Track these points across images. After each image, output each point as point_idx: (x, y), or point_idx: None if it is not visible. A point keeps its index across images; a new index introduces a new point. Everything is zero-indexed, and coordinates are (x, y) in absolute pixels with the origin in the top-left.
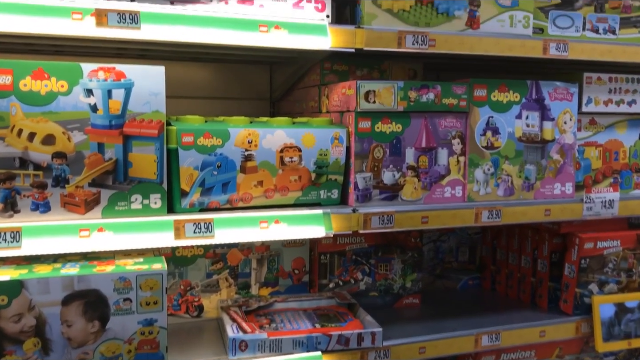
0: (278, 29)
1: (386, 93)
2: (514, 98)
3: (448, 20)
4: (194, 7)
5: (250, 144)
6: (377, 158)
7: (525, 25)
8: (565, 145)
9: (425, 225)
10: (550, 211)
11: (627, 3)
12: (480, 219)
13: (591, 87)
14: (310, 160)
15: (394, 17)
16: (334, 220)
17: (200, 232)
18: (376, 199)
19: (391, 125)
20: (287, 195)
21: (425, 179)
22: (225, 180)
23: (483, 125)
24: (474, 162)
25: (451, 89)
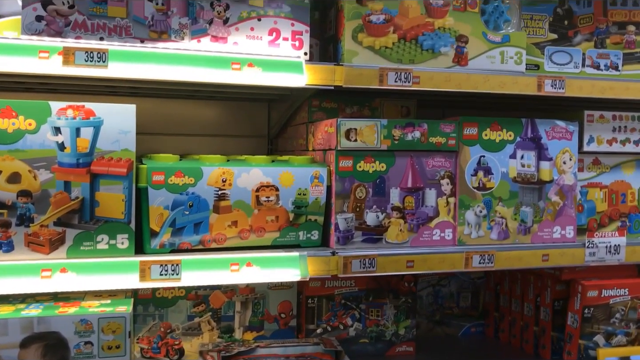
0: (251, 67)
1: (368, 131)
2: (508, 137)
3: (434, 57)
4: (165, 45)
5: (224, 183)
6: (360, 198)
7: (517, 61)
8: (565, 187)
9: (411, 269)
10: (548, 256)
11: (630, 38)
12: (470, 263)
13: (593, 125)
14: (288, 200)
15: (376, 54)
16: (310, 263)
17: (166, 275)
18: (358, 241)
19: (374, 164)
20: (263, 236)
21: (411, 221)
22: (197, 220)
23: (474, 165)
24: (464, 203)
25: (439, 128)
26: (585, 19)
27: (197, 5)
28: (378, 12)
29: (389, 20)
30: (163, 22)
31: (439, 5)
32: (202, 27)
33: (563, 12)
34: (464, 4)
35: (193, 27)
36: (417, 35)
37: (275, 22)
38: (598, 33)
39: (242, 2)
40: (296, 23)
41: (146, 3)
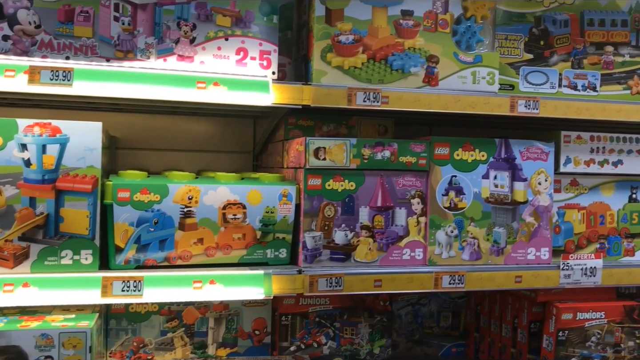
0: (217, 85)
1: (337, 150)
2: (481, 157)
3: (403, 77)
4: (131, 64)
5: (190, 200)
6: (328, 217)
7: (489, 81)
8: (540, 208)
9: (379, 289)
10: (521, 278)
11: (608, 59)
12: (440, 284)
13: (570, 146)
14: (255, 218)
15: (345, 74)
16: (275, 281)
17: (128, 291)
18: (326, 259)
19: (344, 183)
20: (230, 253)
21: (381, 240)
22: (163, 237)
23: (445, 184)
24: (435, 223)
25: (409, 147)
26: (561, 39)
27: (163, 25)
28: (347, 32)
29: (358, 40)
30: (129, 42)
31: (409, 26)
32: (169, 46)
33: (539, 32)
34: (435, 25)
35: (159, 47)
36: (386, 56)
37: (243, 41)
38: (575, 53)
39: (210, 21)
40: (264, 43)
41: (112, 23)
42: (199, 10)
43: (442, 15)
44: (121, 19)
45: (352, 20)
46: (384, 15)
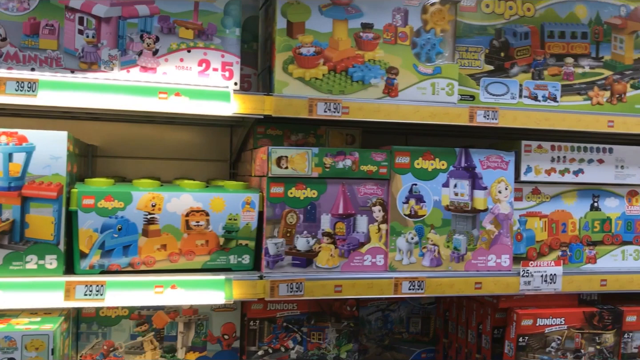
0: (178, 96)
1: (299, 159)
2: (441, 166)
3: (364, 88)
4: (95, 75)
5: (154, 208)
6: (290, 224)
7: (449, 92)
8: (501, 215)
9: (339, 294)
10: (481, 284)
11: (568, 70)
12: (400, 290)
13: (531, 155)
14: (218, 225)
15: (306, 85)
16: (236, 286)
17: (90, 295)
18: (288, 265)
19: (306, 191)
20: (193, 259)
21: (342, 246)
22: (126, 243)
23: (406, 192)
24: (396, 230)
25: (370, 156)
26: (522, 51)
27: (127, 37)
28: (308, 44)
29: (319, 52)
30: (93, 54)
31: (369, 39)
32: (132, 58)
33: (499, 44)
34: (395, 37)
35: (122, 58)
36: (347, 67)
37: (205, 53)
38: (535, 65)
39: (172, 34)
40: (226, 54)
41: (77, 36)
42: (162, 23)
43: (402, 28)
44: (85, 32)
45: (313, 33)
46: (344, 28)
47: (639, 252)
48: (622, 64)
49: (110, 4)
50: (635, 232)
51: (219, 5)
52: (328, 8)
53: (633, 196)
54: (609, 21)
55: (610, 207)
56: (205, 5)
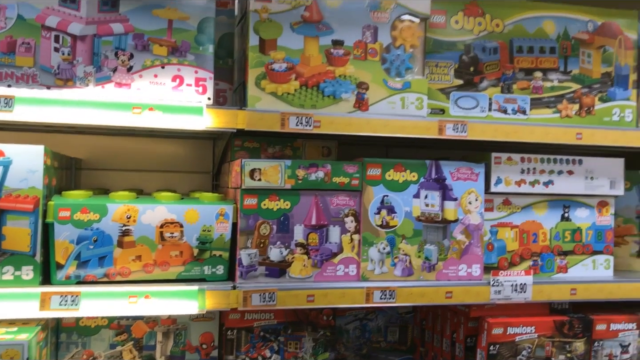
0: (152, 111)
1: (272, 171)
2: (411, 177)
3: (335, 102)
4: (70, 91)
5: (128, 220)
6: (264, 235)
7: (418, 106)
8: (471, 226)
9: (311, 304)
10: (452, 294)
11: (537, 84)
12: (372, 299)
13: (500, 167)
14: (192, 236)
15: (279, 100)
16: (209, 296)
17: (65, 305)
18: (261, 275)
19: (279, 202)
20: (168, 270)
21: (315, 257)
22: (102, 254)
23: (377, 203)
24: (368, 240)
25: (342, 168)
26: (491, 65)
27: (102, 54)
28: (280, 60)
29: (291, 68)
30: (69, 71)
31: (339, 55)
32: (107, 74)
33: (469, 59)
34: (365, 53)
35: (98, 75)
36: (318, 82)
37: (179, 69)
38: (505, 79)
39: (147, 51)
40: (200, 70)
41: (53, 53)
42: (136, 41)
43: (372, 44)
44: (61, 50)
45: (285, 50)
46: (315, 45)
47: (609, 261)
48: (590, 78)
49: (86, 23)
50: (605, 241)
51: (193, 23)
52: (299, 25)
53: (603, 206)
54: (576, 36)
55: (580, 217)
56: (179, 23)
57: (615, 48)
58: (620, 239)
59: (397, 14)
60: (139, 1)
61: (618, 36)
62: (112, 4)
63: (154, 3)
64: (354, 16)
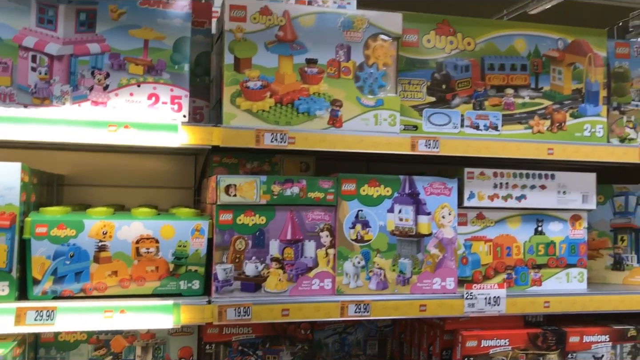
0: (127, 128)
1: (248, 187)
2: (386, 192)
3: (309, 119)
4: (47, 110)
5: (105, 235)
6: (239, 250)
7: (391, 123)
8: (445, 240)
9: (286, 318)
10: (426, 307)
11: (509, 100)
12: (346, 312)
13: (473, 181)
14: (168, 252)
15: (254, 117)
16: (184, 311)
17: (41, 320)
18: (237, 290)
19: (254, 217)
20: (144, 285)
21: (291, 271)
22: (78, 269)
23: (352, 218)
24: (343, 254)
25: (317, 184)
26: (463, 82)
27: (78, 74)
28: (255, 78)
29: (265, 86)
30: (45, 90)
31: (313, 73)
32: (83, 93)
33: (441, 77)
34: (338, 72)
35: (74, 94)
36: (293, 100)
37: (155, 87)
38: (476, 96)
39: (123, 70)
40: (175, 88)
41: (30, 73)
42: (113, 60)
43: (345, 63)
44: (38, 69)
45: (260, 68)
46: (289, 64)
47: (583, 274)
48: (561, 94)
49: (63, 43)
50: (579, 255)
51: (169, 42)
52: (274, 45)
53: (576, 220)
54: (547, 54)
55: (554, 231)
56: (155, 42)
57: (585, 65)
58: (595, 252)
59: (369, 33)
60: (116, 22)
61: (588, 54)
62: (89, 25)
63: (130, 23)
64: (327, 36)
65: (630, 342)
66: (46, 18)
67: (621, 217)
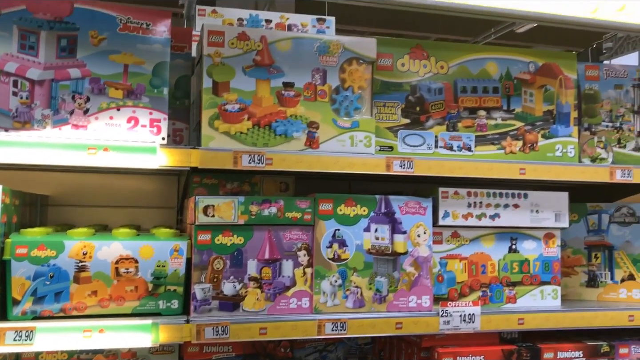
0: (107, 151)
1: (226, 207)
2: (362, 212)
3: (287, 141)
4: (28, 133)
5: (85, 256)
6: (217, 269)
7: (366, 144)
8: (420, 258)
9: (264, 336)
10: (402, 324)
11: (481, 122)
12: (323, 331)
13: (448, 201)
14: (147, 272)
15: (232, 139)
16: (163, 330)
17: (20, 340)
18: (216, 309)
19: (232, 237)
20: (123, 305)
21: (268, 290)
22: (58, 290)
23: (329, 237)
24: (320, 273)
25: (295, 204)
26: (436, 105)
27: (59, 98)
28: (233, 102)
29: (243, 109)
30: (27, 114)
31: (290, 96)
32: (64, 117)
33: (415, 99)
34: (314, 95)
35: (55, 117)
36: (270, 122)
37: (134, 111)
38: (450, 117)
39: (103, 94)
40: (154, 112)
41: (11, 97)
42: (93, 85)
43: (321, 86)
44: (19, 94)
45: (238, 91)
46: (267, 87)
47: (557, 291)
48: (533, 116)
49: (44, 68)
50: (552, 272)
51: (148, 67)
52: (251, 69)
53: (549, 238)
54: (518, 76)
55: (528, 249)
56: (134, 67)
57: (556, 87)
58: (570, 270)
59: (345, 57)
60: (96, 47)
61: (559, 76)
62: (70, 50)
63: (110, 49)
64: (303, 60)
65: (604, 358)
66: (27, 44)
67: (595, 235)
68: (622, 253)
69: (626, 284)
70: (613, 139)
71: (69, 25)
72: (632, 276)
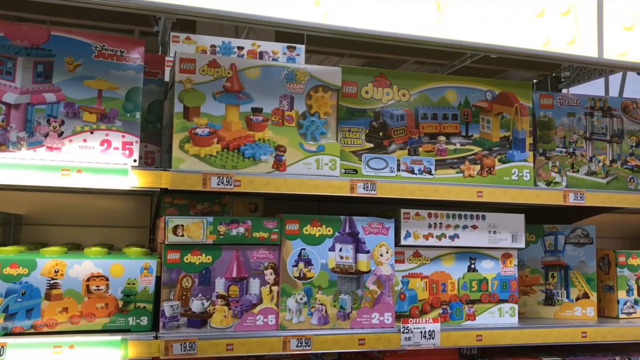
0: (80, 172)
1: (195, 227)
2: (327, 232)
3: (255, 163)
4: (3, 154)
5: (56, 273)
6: (186, 287)
7: (332, 167)
8: (383, 277)
9: (231, 352)
10: (364, 341)
11: (441, 147)
12: (288, 347)
13: (409, 222)
14: (117, 289)
15: (201, 161)
16: (132, 346)
17: None
18: (184, 326)
19: (201, 256)
20: (94, 321)
21: (236, 308)
22: (30, 306)
23: (295, 256)
24: (286, 291)
25: (262, 224)
26: (398, 130)
27: (34, 121)
28: (203, 126)
29: (213, 132)
30: (2, 136)
31: (258, 121)
32: (39, 139)
33: (378, 125)
34: (282, 120)
35: (30, 139)
36: (239, 145)
37: (107, 134)
38: (411, 142)
39: (77, 118)
40: (127, 135)
41: None
42: (68, 109)
43: (288, 112)
44: None
45: (208, 116)
46: (236, 112)
47: (514, 309)
48: (490, 142)
49: (20, 92)
50: (510, 291)
51: (121, 92)
52: (221, 95)
53: (507, 258)
54: (476, 104)
55: (486, 268)
56: (108, 92)
57: (512, 115)
58: (529, 288)
59: (311, 85)
60: (72, 73)
61: (515, 104)
62: (46, 76)
63: (85, 75)
64: (271, 87)
65: None
66: (5, 69)
67: (551, 255)
68: (577, 272)
69: (581, 302)
70: (567, 164)
71: (45, 51)
72: (587, 294)
